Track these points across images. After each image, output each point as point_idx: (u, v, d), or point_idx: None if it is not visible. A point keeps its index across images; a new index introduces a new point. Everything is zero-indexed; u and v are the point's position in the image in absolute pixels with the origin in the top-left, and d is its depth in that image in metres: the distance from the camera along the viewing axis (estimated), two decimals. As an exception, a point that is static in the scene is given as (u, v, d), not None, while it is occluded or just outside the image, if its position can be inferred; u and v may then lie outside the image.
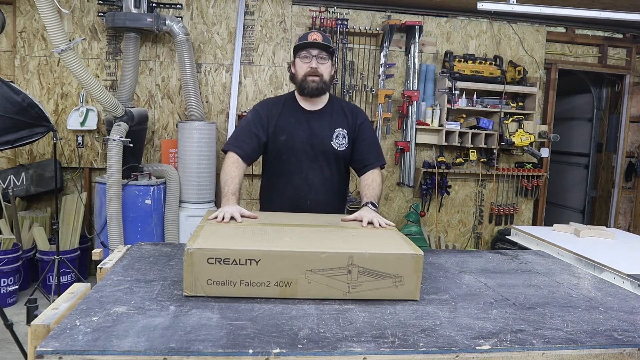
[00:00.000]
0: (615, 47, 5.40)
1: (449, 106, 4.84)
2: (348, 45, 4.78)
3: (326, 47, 2.17)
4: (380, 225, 1.87)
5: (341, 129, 2.26)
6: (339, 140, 2.25)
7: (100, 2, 4.37)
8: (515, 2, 3.84)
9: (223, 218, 1.81)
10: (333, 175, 2.29)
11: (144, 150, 4.58)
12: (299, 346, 1.21)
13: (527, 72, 4.98)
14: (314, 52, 2.17)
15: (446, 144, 4.91)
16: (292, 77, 2.27)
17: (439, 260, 2.09)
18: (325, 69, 2.19)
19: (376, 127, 4.83)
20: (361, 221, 1.90)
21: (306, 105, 2.27)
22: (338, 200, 2.41)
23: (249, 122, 2.25)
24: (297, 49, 2.21)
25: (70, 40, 3.38)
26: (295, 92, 2.32)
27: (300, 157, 2.24)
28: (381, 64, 4.79)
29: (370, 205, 2.06)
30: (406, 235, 3.89)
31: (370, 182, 2.22)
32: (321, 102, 2.29)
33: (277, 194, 2.31)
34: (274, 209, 2.24)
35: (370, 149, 2.29)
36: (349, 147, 2.28)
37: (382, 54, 4.77)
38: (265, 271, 1.47)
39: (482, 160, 5.12)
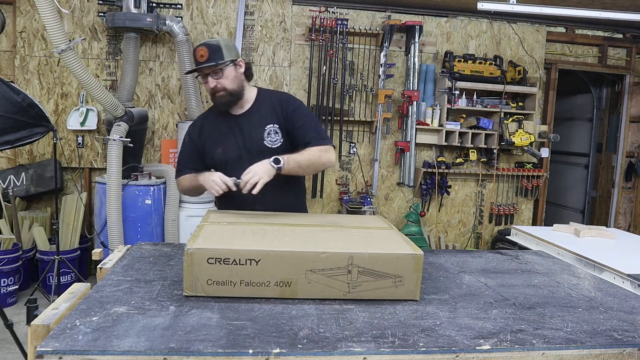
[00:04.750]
0: (615, 47, 5.40)
1: (449, 106, 4.84)
2: (348, 45, 4.78)
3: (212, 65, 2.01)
4: (246, 183, 1.87)
5: (271, 125, 2.14)
6: (272, 137, 2.13)
7: (100, 2, 4.37)
8: (515, 2, 3.84)
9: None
10: (276, 177, 2.03)
11: (144, 150, 4.58)
12: (299, 346, 1.21)
13: (527, 72, 4.98)
14: (206, 70, 2.05)
15: (446, 144, 4.91)
16: None
17: (439, 260, 2.09)
18: (225, 80, 2.06)
19: (376, 127, 4.83)
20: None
21: (234, 109, 2.17)
22: (291, 198, 2.22)
23: (185, 145, 2.26)
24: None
25: (70, 40, 3.38)
26: None
27: (239, 164, 2.10)
28: (381, 64, 4.79)
29: (271, 160, 1.94)
30: (406, 235, 3.88)
31: (304, 149, 2.06)
32: (247, 103, 2.18)
33: (227, 206, 2.16)
34: None
35: (307, 132, 2.12)
36: (285, 141, 2.14)
37: (382, 54, 4.77)
38: (265, 271, 1.47)
39: (482, 160, 5.12)
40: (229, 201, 2.11)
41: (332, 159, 2.10)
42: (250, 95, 2.19)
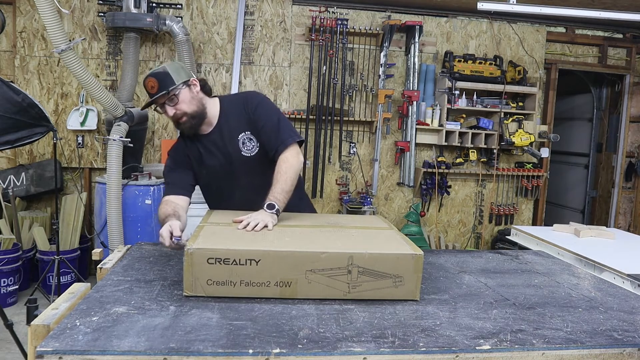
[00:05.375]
0: (615, 47, 5.40)
1: (449, 106, 4.84)
2: (348, 45, 4.78)
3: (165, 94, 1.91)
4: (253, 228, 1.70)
5: (243, 133, 2.04)
6: (247, 146, 2.04)
7: (100, 2, 4.37)
8: (515, 2, 3.84)
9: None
10: (265, 181, 1.97)
11: (144, 150, 4.58)
12: (299, 346, 1.21)
13: (527, 72, 4.98)
14: (161, 100, 1.94)
15: (446, 144, 4.91)
16: None
17: (439, 260, 2.09)
18: (182, 104, 1.95)
19: (376, 127, 4.83)
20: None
21: (202, 129, 2.07)
22: (295, 200, 2.09)
23: (169, 166, 2.13)
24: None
25: (70, 40, 3.38)
26: None
27: (226, 182, 2.09)
28: (381, 64, 4.78)
29: (265, 208, 1.81)
30: (406, 235, 3.89)
31: (276, 173, 1.93)
32: (213, 118, 2.07)
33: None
34: None
35: (270, 134, 2.01)
36: (261, 146, 2.05)
37: (382, 54, 4.77)
38: (265, 271, 1.47)
39: (482, 160, 5.12)
40: (225, 208, 2.06)
41: (302, 158, 2.02)
42: (214, 110, 2.08)
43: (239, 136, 2.05)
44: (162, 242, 1.72)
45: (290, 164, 1.94)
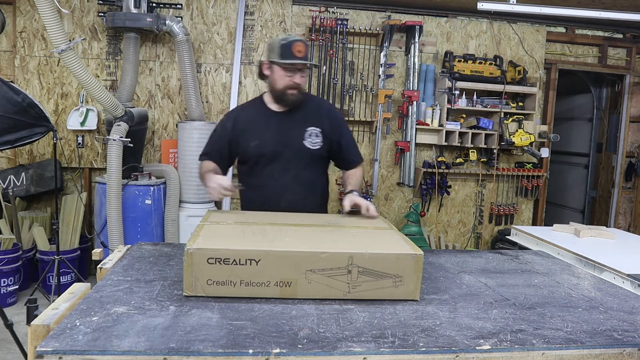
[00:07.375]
0: (615, 47, 5.40)
1: (449, 106, 4.84)
2: (348, 45, 4.78)
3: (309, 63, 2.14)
4: (369, 211, 2.01)
5: (314, 128, 2.18)
6: (312, 139, 2.18)
7: (100, 2, 4.37)
8: (515, 2, 3.84)
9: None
10: (309, 175, 2.19)
11: (144, 150, 4.58)
12: (299, 346, 1.21)
13: (527, 72, 4.98)
14: (299, 66, 2.10)
15: (446, 144, 4.91)
16: (263, 77, 2.20)
17: (439, 260, 2.09)
18: (305, 79, 2.16)
19: (376, 127, 4.83)
20: (360, 207, 2.04)
21: (275, 107, 2.21)
22: (318, 201, 2.32)
23: (216, 132, 2.31)
24: (283, 58, 2.08)
25: (70, 40, 3.38)
26: (265, 95, 2.26)
27: (272, 160, 2.18)
28: (381, 64, 4.79)
29: (355, 192, 2.10)
30: (406, 235, 3.89)
31: (354, 173, 2.28)
32: None
33: (252, 198, 2.24)
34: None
35: (350, 148, 2.31)
36: (324, 147, 2.21)
37: (382, 54, 4.77)
38: (265, 271, 1.47)
39: (482, 160, 5.12)
40: (256, 193, 2.19)
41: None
42: None
43: (308, 128, 2.18)
44: (220, 188, 1.97)
45: (362, 174, 2.34)
